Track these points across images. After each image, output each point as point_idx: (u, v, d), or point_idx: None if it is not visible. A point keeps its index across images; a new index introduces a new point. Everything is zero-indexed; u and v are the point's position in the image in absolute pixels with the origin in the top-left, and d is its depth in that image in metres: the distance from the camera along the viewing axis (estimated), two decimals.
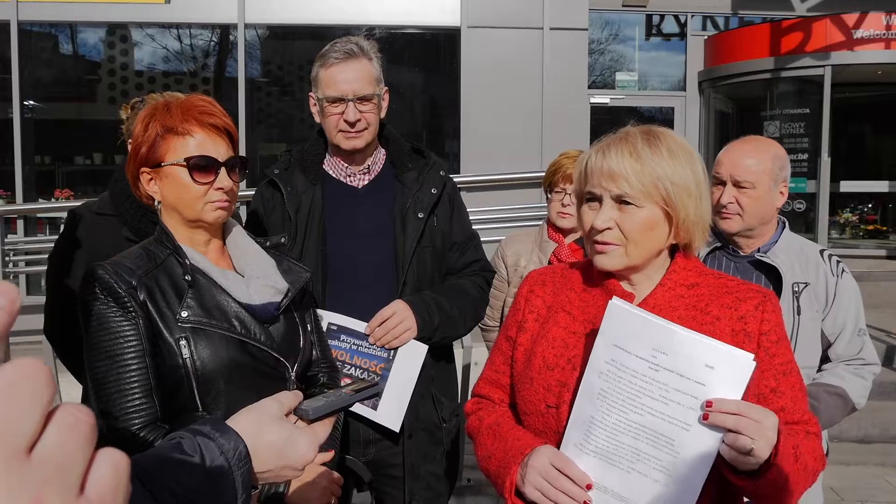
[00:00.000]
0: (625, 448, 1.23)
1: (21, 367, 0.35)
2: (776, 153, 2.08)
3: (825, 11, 9.39)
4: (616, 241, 1.32)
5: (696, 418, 1.18)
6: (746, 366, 1.16)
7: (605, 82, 10.53)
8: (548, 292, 1.49)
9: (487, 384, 1.58)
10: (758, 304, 1.32)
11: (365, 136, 2.03)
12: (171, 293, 1.45)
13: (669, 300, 1.35)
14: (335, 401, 1.07)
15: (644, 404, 1.20)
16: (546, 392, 1.36)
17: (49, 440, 0.35)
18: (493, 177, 6.54)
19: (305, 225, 2.01)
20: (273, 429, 0.96)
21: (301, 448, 0.97)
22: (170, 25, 7.37)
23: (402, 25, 7.29)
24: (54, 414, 0.36)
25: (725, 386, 1.17)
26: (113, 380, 1.37)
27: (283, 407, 0.99)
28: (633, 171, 1.28)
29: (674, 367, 1.18)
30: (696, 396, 1.18)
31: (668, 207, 1.31)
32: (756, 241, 2.10)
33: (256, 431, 0.94)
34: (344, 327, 1.96)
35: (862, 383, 2.05)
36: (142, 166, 1.51)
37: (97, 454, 0.37)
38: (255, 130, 7.51)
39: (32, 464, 0.34)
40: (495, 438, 1.43)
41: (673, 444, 1.20)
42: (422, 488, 2.05)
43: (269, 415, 0.97)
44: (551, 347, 1.39)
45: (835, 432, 4.42)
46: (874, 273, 8.42)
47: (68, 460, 0.35)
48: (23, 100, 7.06)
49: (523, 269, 2.63)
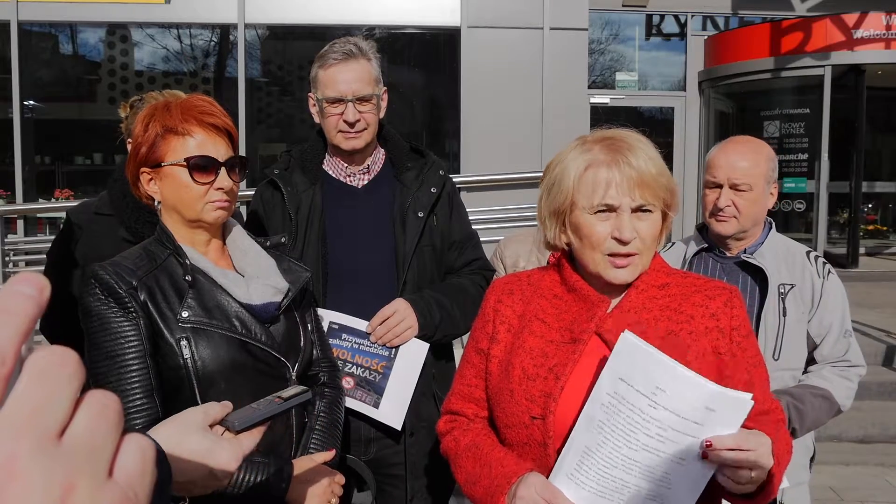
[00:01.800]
0: (616, 482, 1.21)
1: (52, 354, 0.36)
2: (769, 154, 2.08)
3: (825, 11, 9.39)
4: (638, 250, 1.33)
5: (690, 455, 1.18)
6: (745, 406, 1.16)
7: (605, 82, 10.53)
8: (517, 301, 1.46)
9: (460, 399, 1.52)
10: (726, 300, 1.36)
11: (364, 137, 2.03)
12: (172, 293, 1.45)
13: (643, 301, 1.36)
14: (263, 410, 1.06)
15: (639, 440, 1.19)
16: (529, 403, 1.33)
17: (79, 425, 0.36)
18: (492, 177, 6.54)
19: (305, 225, 2.02)
20: (194, 438, 0.96)
21: (223, 458, 0.97)
22: (170, 25, 7.38)
23: (402, 25, 7.30)
24: (83, 400, 0.37)
25: (723, 426, 1.17)
26: (114, 380, 1.37)
27: (208, 417, 0.99)
28: (653, 176, 1.31)
29: (672, 407, 1.16)
30: (692, 435, 1.17)
31: (666, 207, 1.34)
32: (744, 243, 2.09)
33: (177, 440, 0.94)
34: (345, 326, 1.96)
35: (847, 385, 2.04)
36: (142, 166, 1.51)
37: (124, 439, 0.38)
38: (255, 130, 7.52)
39: (64, 449, 0.34)
40: (476, 462, 1.38)
41: (668, 478, 1.20)
42: (423, 486, 2.06)
43: (191, 424, 0.97)
44: (530, 357, 1.37)
45: (835, 432, 4.42)
46: (874, 273, 8.43)
47: (98, 445, 0.36)
48: (23, 100, 7.07)
49: (522, 270, 2.63)
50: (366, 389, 1.95)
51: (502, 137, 6.90)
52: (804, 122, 9.39)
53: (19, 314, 0.35)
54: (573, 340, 1.35)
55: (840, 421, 3.29)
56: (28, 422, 0.34)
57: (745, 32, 9.86)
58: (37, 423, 0.34)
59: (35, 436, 0.34)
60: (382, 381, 1.94)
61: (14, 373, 0.34)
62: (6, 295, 0.35)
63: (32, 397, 0.34)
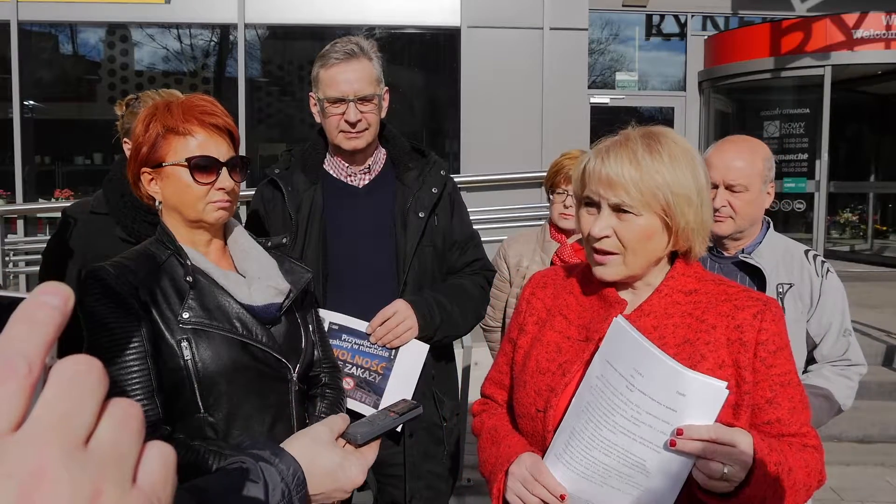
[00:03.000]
0: (597, 464, 1.23)
1: (78, 363, 0.36)
2: (765, 154, 2.07)
3: (825, 11, 9.39)
4: (614, 249, 1.30)
5: (666, 441, 1.18)
6: (719, 395, 1.16)
7: (605, 82, 10.53)
8: (548, 295, 1.49)
9: (492, 385, 1.59)
10: (756, 312, 1.28)
11: (366, 137, 2.02)
12: (173, 294, 1.44)
13: (665, 307, 1.32)
14: (381, 425, 1.11)
15: (616, 422, 1.20)
16: (536, 396, 1.36)
17: (104, 433, 0.36)
18: (493, 177, 6.54)
19: (306, 225, 2.01)
20: (326, 454, 1.00)
21: (352, 473, 1.02)
22: (170, 25, 7.37)
23: (402, 25, 7.29)
24: (106, 408, 0.37)
25: (696, 413, 1.16)
26: (114, 381, 1.37)
27: (334, 432, 1.04)
28: (631, 180, 1.25)
29: (646, 390, 1.18)
30: (666, 421, 1.17)
31: (666, 217, 1.28)
32: (741, 243, 2.08)
33: (311, 456, 0.98)
34: (345, 327, 1.96)
35: (848, 384, 2.03)
36: (143, 166, 1.51)
37: (146, 447, 0.39)
38: (255, 130, 7.51)
39: (90, 456, 0.35)
40: (492, 443, 1.45)
41: (644, 465, 1.20)
42: (422, 487, 2.06)
43: (322, 440, 1.02)
44: (545, 352, 1.39)
45: (835, 432, 4.42)
46: (874, 273, 8.43)
47: (122, 452, 0.37)
48: (23, 100, 7.06)
49: (525, 270, 2.62)
50: (366, 390, 1.95)
51: (502, 137, 6.89)
52: (804, 122, 9.39)
53: (46, 324, 0.36)
54: (587, 339, 1.35)
55: (840, 421, 3.29)
56: (56, 428, 0.34)
57: (745, 32, 9.85)
58: (65, 430, 0.35)
59: (63, 442, 0.34)
60: (382, 382, 1.94)
61: (39, 381, 0.35)
62: (33, 306, 0.36)
63: (60, 404, 0.35)
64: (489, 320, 2.74)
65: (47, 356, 0.35)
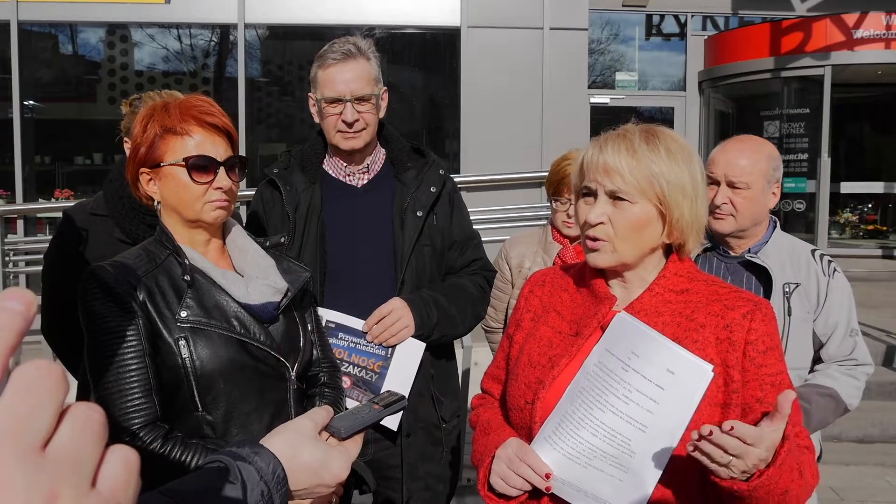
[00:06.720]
0: (584, 444, 1.26)
1: (36, 368, 0.37)
2: (770, 153, 2.07)
3: (825, 11, 9.39)
4: (606, 236, 1.32)
5: (651, 420, 1.21)
6: (704, 376, 1.19)
7: (605, 82, 10.54)
8: (545, 292, 1.51)
9: (490, 380, 1.63)
10: (746, 312, 1.28)
11: (363, 137, 2.03)
12: (171, 293, 1.45)
13: (656, 305, 1.34)
14: (365, 417, 1.09)
15: (608, 401, 1.24)
16: (526, 388, 1.39)
17: (62, 437, 0.37)
18: (493, 177, 6.54)
19: (304, 223, 2.01)
20: (309, 449, 0.97)
21: (335, 467, 0.99)
22: (170, 25, 7.38)
23: (401, 25, 7.29)
24: (67, 412, 0.38)
25: (682, 394, 1.19)
26: (113, 380, 1.37)
27: (317, 425, 1.01)
28: (627, 166, 1.28)
29: (640, 369, 1.22)
30: (654, 399, 1.21)
31: (661, 206, 1.29)
32: (747, 242, 2.08)
33: (292, 452, 0.95)
34: (342, 325, 1.96)
35: (854, 384, 2.03)
36: (141, 167, 1.51)
37: (108, 450, 0.39)
38: (255, 130, 7.51)
39: (47, 459, 0.35)
40: (483, 435, 1.48)
41: (629, 444, 1.23)
42: (420, 488, 2.05)
43: (304, 434, 0.99)
44: (537, 346, 1.42)
45: (835, 432, 4.42)
46: (874, 273, 8.43)
47: (81, 456, 0.37)
48: (23, 100, 7.06)
49: (527, 271, 2.61)
50: (362, 389, 1.95)
51: (502, 137, 6.89)
52: (804, 121, 9.39)
53: (6, 329, 0.36)
54: (577, 334, 1.38)
55: (840, 421, 3.28)
56: (12, 433, 0.35)
57: (745, 32, 9.86)
58: (21, 434, 0.35)
59: (19, 446, 0.34)
60: (379, 381, 1.94)
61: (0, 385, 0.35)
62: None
63: (17, 409, 0.35)
64: (491, 321, 2.73)
65: (10, 360, 0.36)
